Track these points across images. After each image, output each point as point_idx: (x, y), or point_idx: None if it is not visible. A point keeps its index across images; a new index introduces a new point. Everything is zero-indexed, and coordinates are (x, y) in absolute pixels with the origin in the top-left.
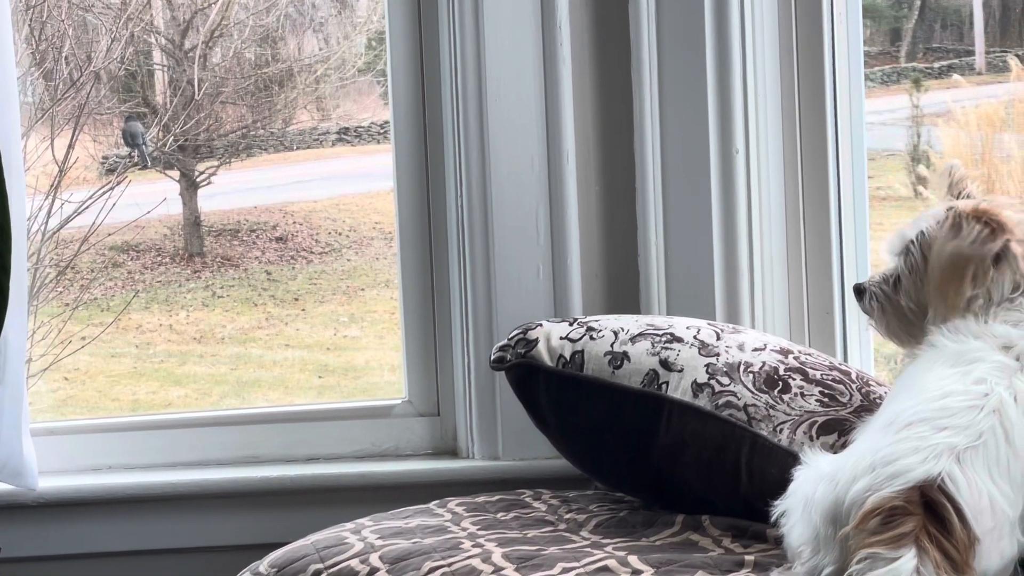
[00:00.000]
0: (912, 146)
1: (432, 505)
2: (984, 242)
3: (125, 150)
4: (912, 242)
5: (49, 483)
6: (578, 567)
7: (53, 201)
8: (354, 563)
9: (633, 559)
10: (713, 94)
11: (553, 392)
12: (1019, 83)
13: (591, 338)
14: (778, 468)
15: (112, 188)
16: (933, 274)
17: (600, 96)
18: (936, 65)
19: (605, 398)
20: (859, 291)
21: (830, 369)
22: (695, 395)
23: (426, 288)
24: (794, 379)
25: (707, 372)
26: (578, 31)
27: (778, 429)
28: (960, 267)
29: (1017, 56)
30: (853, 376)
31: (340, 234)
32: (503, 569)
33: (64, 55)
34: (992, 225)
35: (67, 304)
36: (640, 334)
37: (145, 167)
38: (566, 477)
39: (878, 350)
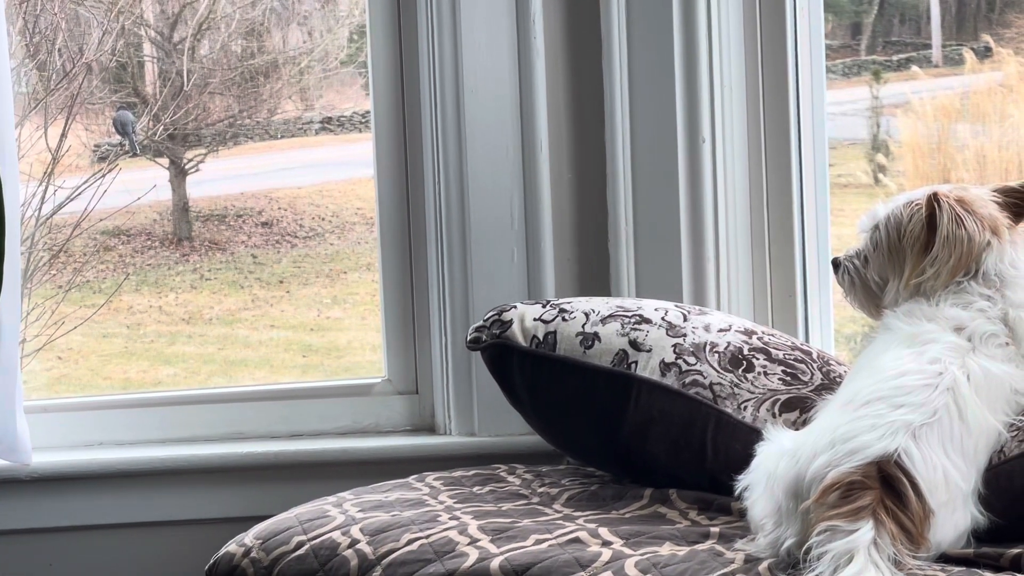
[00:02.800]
0: (872, 135)
1: (411, 479)
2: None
3: (116, 139)
4: (880, 222)
5: (42, 458)
6: (550, 538)
7: (46, 188)
8: (336, 535)
9: (603, 531)
10: (681, 85)
11: (527, 371)
12: (974, 75)
13: (563, 319)
14: (742, 444)
15: (103, 175)
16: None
17: (572, 88)
18: (895, 58)
19: (576, 377)
20: (835, 264)
21: (792, 349)
22: (663, 374)
23: (405, 271)
24: (758, 359)
25: (674, 352)
26: (551, 25)
27: (742, 407)
28: (965, 252)
29: (972, 50)
30: (814, 356)
31: (323, 219)
32: (478, 540)
33: (57, 47)
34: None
35: (60, 286)
36: (610, 316)
37: (135, 155)
38: (539, 453)
39: (839, 331)
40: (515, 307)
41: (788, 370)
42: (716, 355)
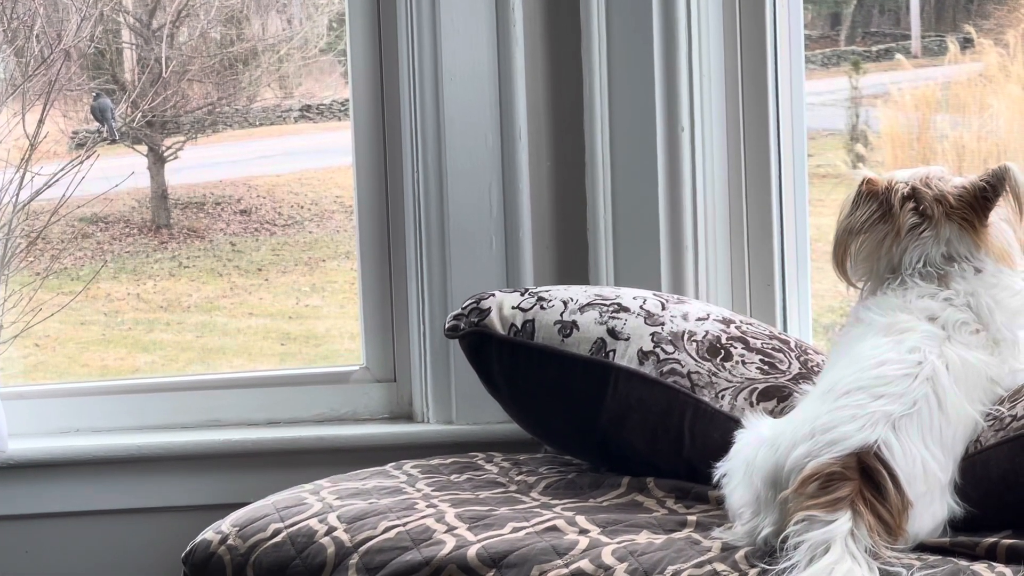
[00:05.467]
0: (851, 126)
1: (388, 467)
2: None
3: (94, 125)
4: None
5: (19, 445)
6: (528, 526)
7: (24, 174)
8: (313, 522)
9: (581, 519)
10: (660, 74)
11: (505, 359)
12: (954, 66)
13: (541, 308)
14: (720, 433)
15: (82, 162)
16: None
17: (551, 75)
18: (874, 48)
19: (555, 365)
20: None
21: (770, 338)
22: (641, 362)
23: (383, 259)
24: (736, 347)
25: (652, 340)
26: (530, 13)
27: (720, 395)
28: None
29: (956, 40)
30: (792, 345)
31: (302, 207)
32: (456, 528)
33: (35, 33)
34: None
35: (38, 273)
36: (588, 304)
37: (114, 142)
38: (517, 441)
39: (817, 320)
40: (493, 295)
41: (766, 359)
42: (694, 344)
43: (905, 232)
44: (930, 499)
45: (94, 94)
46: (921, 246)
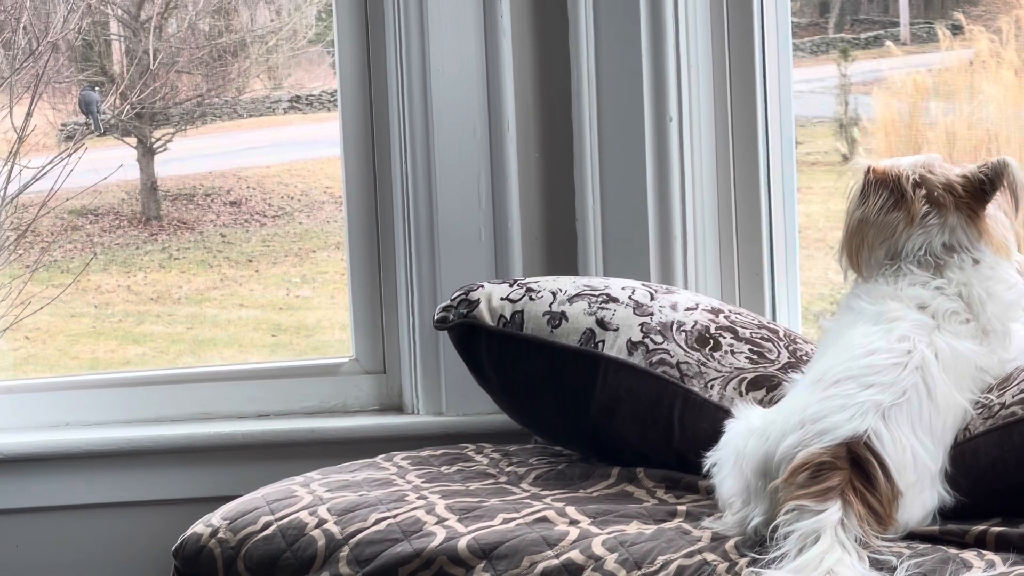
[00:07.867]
0: (840, 113)
1: (378, 459)
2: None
3: (83, 118)
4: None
5: (9, 439)
6: (518, 518)
7: (12, 167)
8: (303, 515)
9: (571, 510)
10: (647, 64)
11: (494, 350)
12: (944, 52)
13: (530, 299)
14: (709, 422)
15: (70, 154)
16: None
17: (539, 67)
18: (863, 36)
19: (544, 356)
20: None
21: (759, 327)
22: (630, 353)
23: (372, 251)
24: (724, 337)
25: (641, 331)
26: (518, 3)
27: (709, 385)
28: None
29: (945, 27)
30: (781, 334)
31: (292, 198)
32: (446, 520)
33: (22, 25)
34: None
35: (27, 266)
36: (577, 295)
37: (101, 134)
38: (507, 432)
39: (806, 308)
40: (482, 287)
41: (755, 348)
42: (683, 334)
43: (918, 220)
44: (920, 488)
45: (81, 87)
46: (926, 234)
